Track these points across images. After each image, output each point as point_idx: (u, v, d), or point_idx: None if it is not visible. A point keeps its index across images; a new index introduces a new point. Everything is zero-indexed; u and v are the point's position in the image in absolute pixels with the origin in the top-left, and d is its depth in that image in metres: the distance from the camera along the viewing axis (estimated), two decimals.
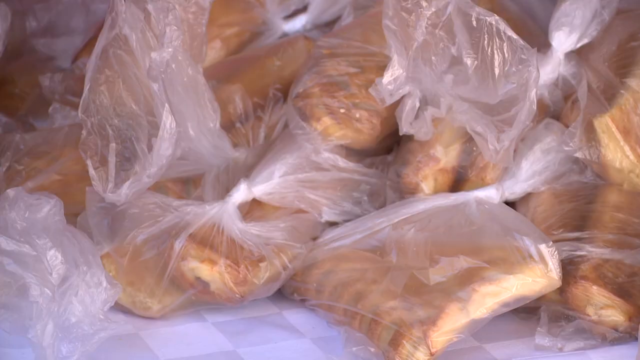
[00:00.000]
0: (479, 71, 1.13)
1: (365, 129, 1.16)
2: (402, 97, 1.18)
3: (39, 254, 0.99)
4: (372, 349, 1.07)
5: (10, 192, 1.05)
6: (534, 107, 1.12)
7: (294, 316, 1.13)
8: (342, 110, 1.15)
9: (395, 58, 1.12)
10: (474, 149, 1.17)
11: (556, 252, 1.07)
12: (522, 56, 1.14)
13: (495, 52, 1.12)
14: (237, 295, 1.11)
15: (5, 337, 1.09)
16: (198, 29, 1.11)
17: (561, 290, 1.07)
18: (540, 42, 1.29)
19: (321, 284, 1.12)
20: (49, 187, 1.13)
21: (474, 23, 1.12)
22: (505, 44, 1.13)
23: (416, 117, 1.15)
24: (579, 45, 1.18)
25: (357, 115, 1.15)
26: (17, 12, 1.34)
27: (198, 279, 1.10)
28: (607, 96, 1.13)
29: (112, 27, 1.10)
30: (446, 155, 1.15)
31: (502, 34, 1.12)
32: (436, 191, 1.15)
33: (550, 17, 1.30)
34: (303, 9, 1.34)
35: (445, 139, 1.15)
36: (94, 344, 1.02)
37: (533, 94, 1.12)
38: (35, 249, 1.00)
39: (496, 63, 1.12)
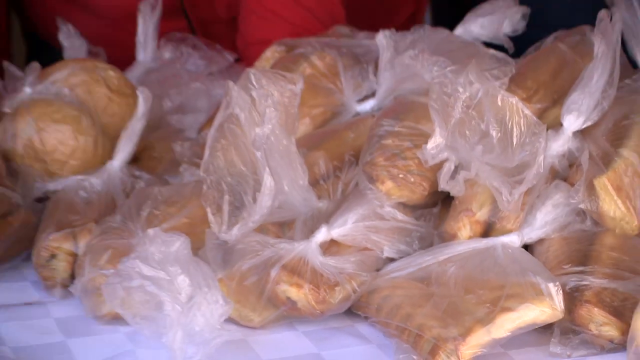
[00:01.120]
0: (502, 142, 1.10)
1: (417, 190, 1.16)
2: (442, 162, 1.13)
3: (171, 278, 1.00)
4: (415, 357, 1.05)
5: (150, 231, 1.05)
6: (541, 170, 1.11)
7: (364, 327, 1.13)
8: (400, 176, 1.15)
9: (437, 130, 1.11)
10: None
11: (560, 290, 1.04)
12: (535, 130, 1.11)
13: (514, 126, 1.11)
14: (317, 311, 1.10)
15: (146, 341, 1.08)
16: (291, 109, 1.11)
17: (570, 311, 1.04)
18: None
19: (380, 306, 1.10)
20: (179, 228, 1.14)
21: (499, 103, 1.11)
22: (522, 120, 1.11)
23: (452, 177, 1.12)
24: (583, 126, 1.16)
25: (412, 180, 1.15)
26: (156, 96, 1.37)
27: (288, 298, 1.10)
28: (605, 162, 1.13)
29: (226, 108, 1.11)
30: (480, 211, 1.14)
31: (521, 111, 1.11)
32: (470, 237, 1.14)
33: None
34: (372, 95, 1.33)
35: (479, 199, 1.14)
36: (212, 347, 1.00)
37: (541, 159, 1.10)
38: (169, 274, 1.00)
39: (514, 135, 1.10)
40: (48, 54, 1.82)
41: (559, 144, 1.17)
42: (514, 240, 1.12)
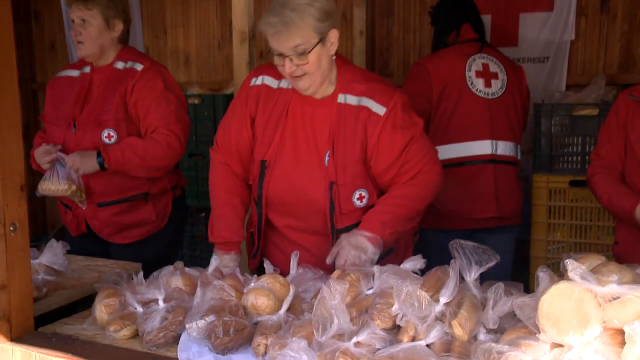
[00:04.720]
0: (419, 307, 1.19)
1: (389, 324, 1.23)
2: (397, 314, 1.21)
3: (300, 356, 1.09)
4: None
5: (293, 338, 1.16)
6: (432, 317, 1.19)
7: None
8: (383, 319, 1.23)
9: (396, 303, 1.22)
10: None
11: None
12: (430, 303, 1.20)
13: (422, 301, 1.19)
14: None
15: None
16: (343, 293, 1.18)
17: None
18: None
19: None
20: (304, 336, 1.20)
21: (417, 293, 1.18)
22: (425, 299, 1.19)
23: (400, 319, 1.18)
24: (447, 301, 1.21)
25: (387, 320, 1.23)
26: (295, 286, 1.38)
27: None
28: (454, 315, 1.20)
29: (321, 293, 1.19)
30: (411, 332, 1.20)
31: (425, 296, 1.21)
32: (407, 341, 1.19)
33: None
34: (372, 287, 1.34)
35: (411, 327, 1.19)
36: None
37: (432, 314, 1.20)
38: (299, 355, 1.08)
39: (423, 304, 1.20)
40: None
41: (439, 308, 1.22)
42: (423, 343, 1.18)
